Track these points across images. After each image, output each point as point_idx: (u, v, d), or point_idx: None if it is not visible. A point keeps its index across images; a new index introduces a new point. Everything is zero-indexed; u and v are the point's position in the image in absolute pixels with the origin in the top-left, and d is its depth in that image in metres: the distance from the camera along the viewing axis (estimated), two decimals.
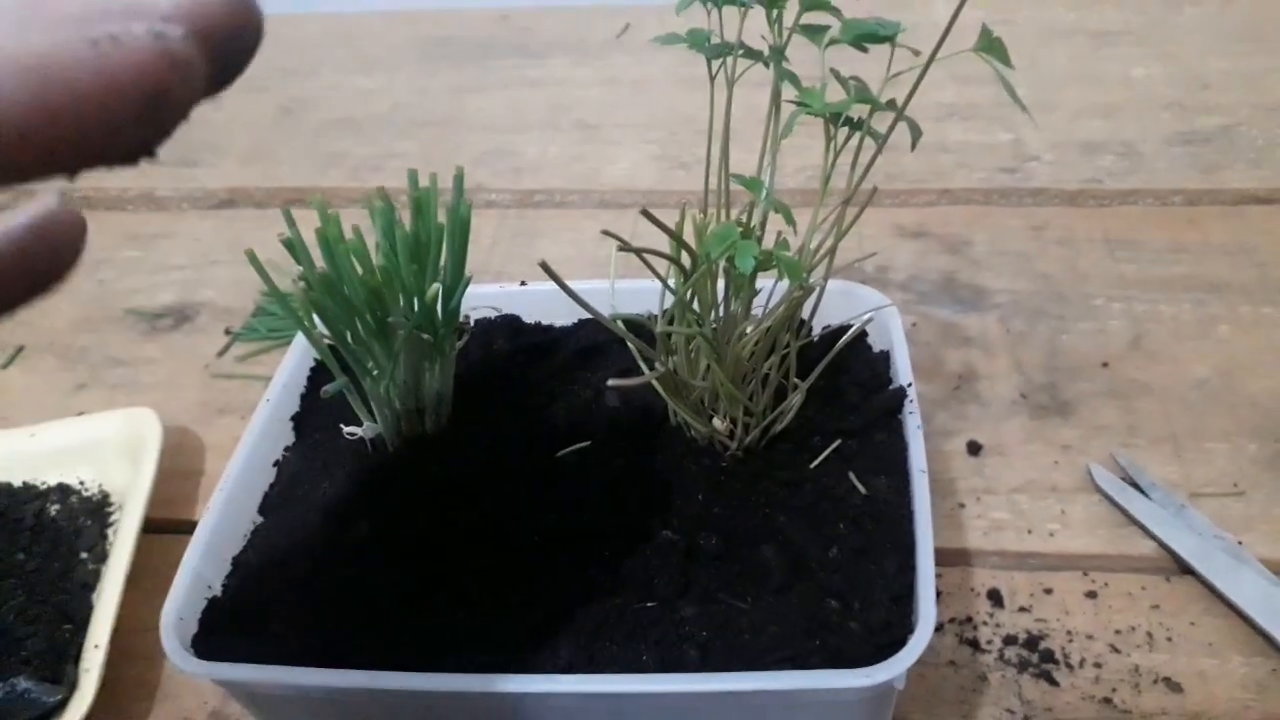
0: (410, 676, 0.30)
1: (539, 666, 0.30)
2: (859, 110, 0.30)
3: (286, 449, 0.41)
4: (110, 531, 0.50)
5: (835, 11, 0.30)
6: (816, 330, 0.39)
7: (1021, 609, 0.44)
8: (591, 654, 0.31)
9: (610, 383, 0.28)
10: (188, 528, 0.51)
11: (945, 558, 0.47)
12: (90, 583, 0.47)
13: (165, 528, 0.50)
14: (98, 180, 0.76)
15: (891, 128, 0.29)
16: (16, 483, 0.52)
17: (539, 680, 0.29)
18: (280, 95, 0.86)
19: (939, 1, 0.84)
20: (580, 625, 0.32)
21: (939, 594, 0.45)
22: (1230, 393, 0.53)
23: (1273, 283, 0.59)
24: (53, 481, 0.52)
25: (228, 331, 0.63)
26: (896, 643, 0.29)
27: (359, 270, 0.33)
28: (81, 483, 0.52)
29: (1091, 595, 0.45)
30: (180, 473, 0.54)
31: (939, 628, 0.44)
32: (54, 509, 0.51)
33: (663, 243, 0.31)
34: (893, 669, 0.28)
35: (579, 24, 0.92)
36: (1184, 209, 0.65)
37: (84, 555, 0.49)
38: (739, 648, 0.31)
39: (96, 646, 0.42)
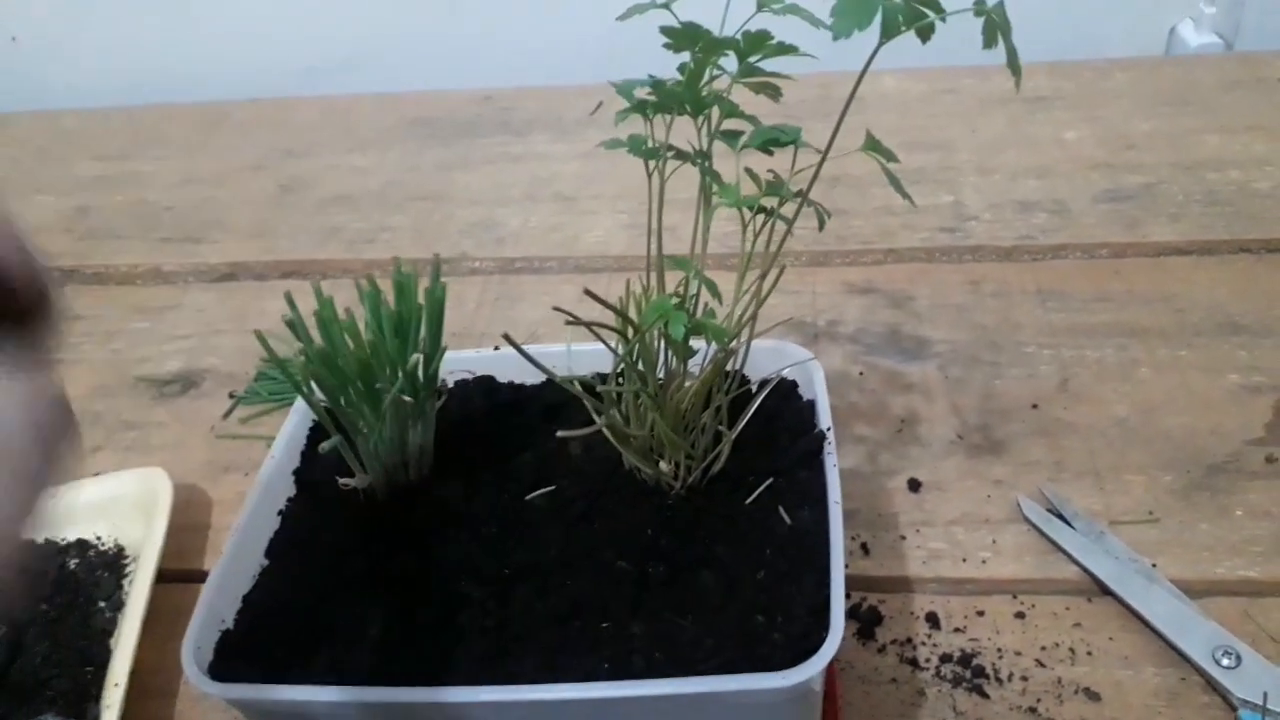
0: (398, 691, 0.34)
1: (510, 679, 0.34)
2: (770, 200, 0.35)
3: (289, 500, 0.45)
4: (126, 582, 0.52)
5: (750, 119, 0.36)
6: (753, 383, 0.45)
7: (956, 630, 0.47)
8: (555, 666, 0.35)
9: (560, 434, 0.33)
10: (198, 577, 0.54)
11: (888, 585, 0.50)
12: (108, 629, 0.50)
13: (177, 577, 0.53)
14: (109, 258, 0.81)
15: (797, 213, 0.35)
16: (38, 539, 0.54)
17: (510, 690, 0.34)
18: (279, 174, 0.89)
19: (886, 77, 0.89)
20: (545, 643, 0.36)
21: (881, 618, 0.49)
22: (1148, 429, 0.56)
23: (1189, 328, 0.62)
24: (72, 538, 0.55)
25: (231, 395, 0.66)
26: (813, 649, 0.33)
27: (351, 344, 0.39)
28: (98, 538, 0.55)
29: (1020, 616, 0.48)
30: (189, 526, 0.56)
31: (881, 649, 0.48)
32: (73, 563, 0.54)
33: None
34: (806, 671, 0.32)
35: (556, 103, 0.96)
36: (1109, 261, 0.69)
37: (102, 604, 0.51)
38: (680, 658, 0.35)
39: (116, 685, 0.44)
